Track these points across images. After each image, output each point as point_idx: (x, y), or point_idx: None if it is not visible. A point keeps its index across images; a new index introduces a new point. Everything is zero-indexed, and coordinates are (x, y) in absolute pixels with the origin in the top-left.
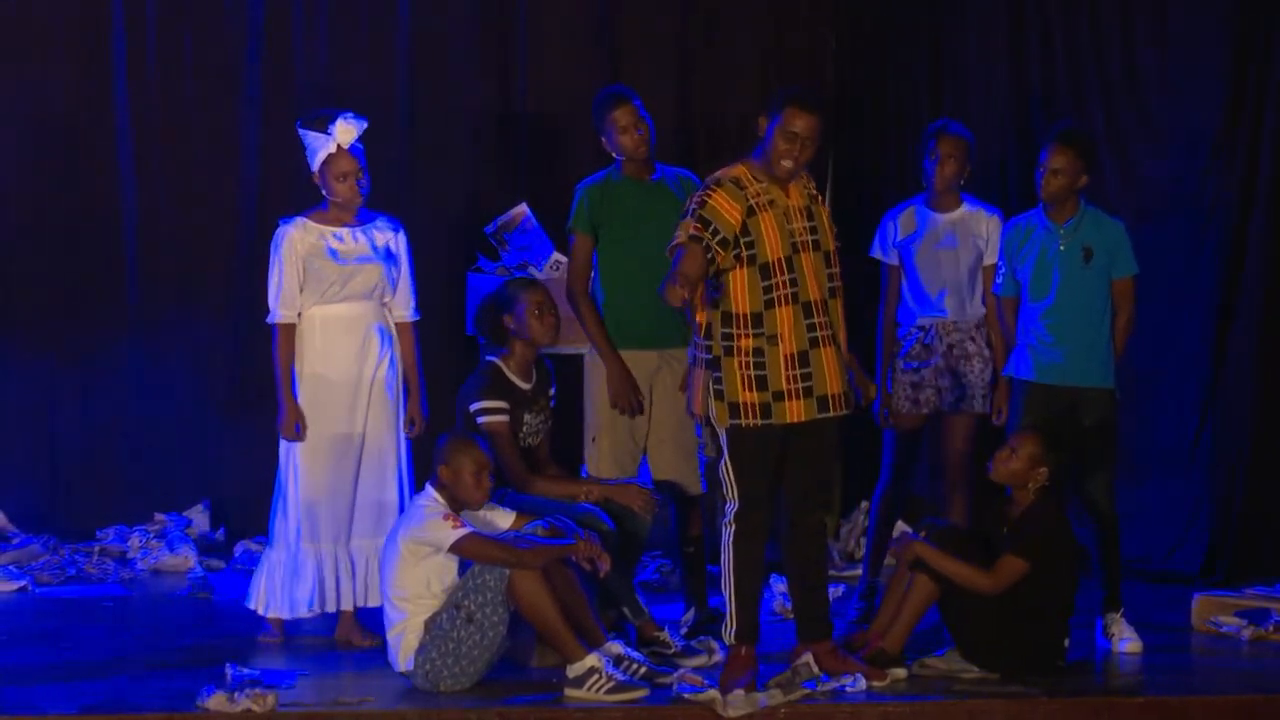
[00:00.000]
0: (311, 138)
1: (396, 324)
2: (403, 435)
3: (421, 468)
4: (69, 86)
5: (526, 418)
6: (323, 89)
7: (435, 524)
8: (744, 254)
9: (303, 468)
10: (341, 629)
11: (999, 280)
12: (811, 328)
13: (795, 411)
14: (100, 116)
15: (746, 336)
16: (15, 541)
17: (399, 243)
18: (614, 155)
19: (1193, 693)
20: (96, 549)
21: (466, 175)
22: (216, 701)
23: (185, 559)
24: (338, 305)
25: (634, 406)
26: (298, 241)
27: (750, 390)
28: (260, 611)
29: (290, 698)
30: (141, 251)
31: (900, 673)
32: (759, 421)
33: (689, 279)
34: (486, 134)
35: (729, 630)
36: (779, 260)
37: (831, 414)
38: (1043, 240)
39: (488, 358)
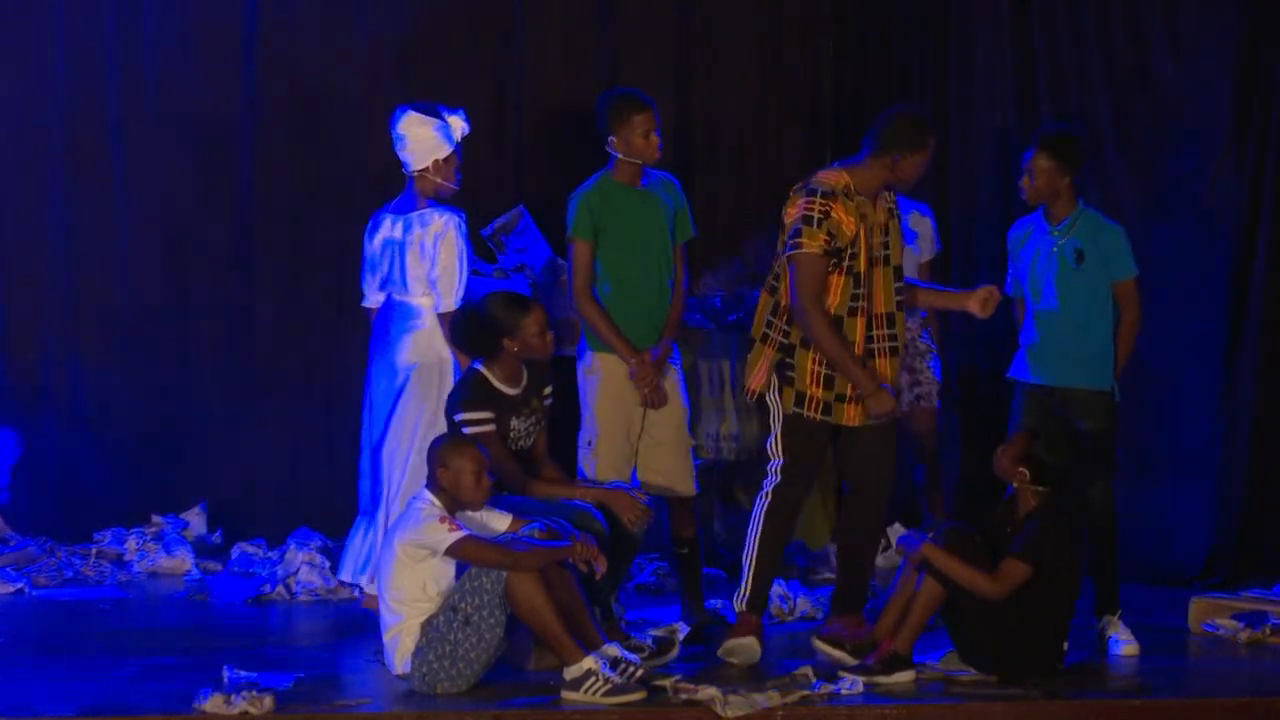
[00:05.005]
0: (441, 125)
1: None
2: None
3: None
4: (66, 89)
5: (514, 422)
6: (318, 90)
7: (432, 527)
8: (845, 263)
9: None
10: None
11: (1008, 282)
12: (870, 339)
13: (851, 415)
14: (97, 118)
15: None
16: (12, 544)
17: None
18: (611, 156)
19: (1189, 695)
20: (93, 551)
21: (463, 177)
22: (214, 704)
23: (182, 561)
24: None
25: (663, 399)
26: None
27: (818, 386)
28: None
29: (287, 700)
30: (135, 252)
31: (909, 675)
32: (819, 417)
33: (818, 300)
34: (483, 135)
35: (742, 597)
36: (864, 273)
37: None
38: (1038, 242)
39: (473, 365)
